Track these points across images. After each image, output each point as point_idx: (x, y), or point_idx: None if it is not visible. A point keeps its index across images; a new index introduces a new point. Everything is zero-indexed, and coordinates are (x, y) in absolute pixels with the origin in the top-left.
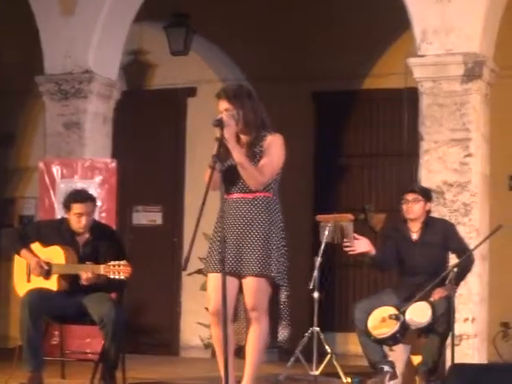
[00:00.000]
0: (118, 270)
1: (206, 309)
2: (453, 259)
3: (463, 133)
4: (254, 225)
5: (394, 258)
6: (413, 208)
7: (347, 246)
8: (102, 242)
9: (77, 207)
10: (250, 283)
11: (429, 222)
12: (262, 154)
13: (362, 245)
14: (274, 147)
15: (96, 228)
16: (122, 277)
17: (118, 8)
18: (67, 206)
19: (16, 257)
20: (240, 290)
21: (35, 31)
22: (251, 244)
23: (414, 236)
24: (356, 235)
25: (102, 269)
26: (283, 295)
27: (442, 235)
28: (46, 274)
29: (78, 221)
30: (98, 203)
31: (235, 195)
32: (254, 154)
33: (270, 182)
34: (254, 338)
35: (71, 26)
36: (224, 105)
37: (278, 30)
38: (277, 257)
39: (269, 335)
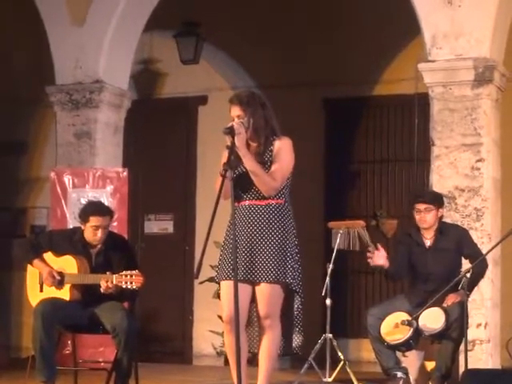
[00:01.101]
0: (130, 280)
1: (220, 317)
2: (466, 264)
3: (474, 138)
4: (268, 231)
5: (406, 265)
6: (426, 218)
7: (369, 253)
8: (114, 252)
9: (95, 220)
10: (264, 290)
11: (442, 229)
12: (272, 159)
13: (380, 258)
14: (284, 152)
15: (108, 238)
16: (134, 286)
17: (128, 17)
18: (85, 217)
19: (29, 267)
20: (253, 297)
21: (43, 32)
22: (266, 251)
23: (428, 243)
24: (379, 245)
25: (114, 278)
26: (298, 302)
27: (456, 241)
28: (59, 284)
29: (94, 233)
30: None
31: (247, 202)
32: (264, 160)
33: (282, 188)
34: (268, 345)
35: (81, 35)
36: (236, 111)
37: (288, 38)
38: (292, 263)
39: (283, 343)
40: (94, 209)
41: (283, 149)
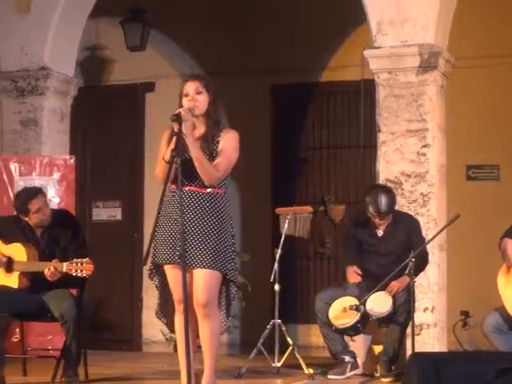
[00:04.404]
0: (80, 268)
1: None
2: None
3: (420, 124)
4: (206, 220)
5: (358, 255)
6: (382, 224)
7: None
8: (59, 228)
9: (34, 204)
10: (203, 277)
11: (396, 218)
12: (219, 150)
13: (356, 277)
14: (231, 144)
15: (56, 215)
16: (85, 274)
17: (74, 4)
18: (25, 208)
19: None
20: None
21: None
22: (203, 238)
23: (380, 232)
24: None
25: (64, 266)
26: (233, 292)
27: (407, 232)
28: (6, 267)
29: (42, 214)
30: (54, 195)
31: (187, 188)
32: (211, 149)
33: (223, 179)
34: (209, 332)
35: (27, 22)
36: (194, 85)
37: (236, 24)
38: (230, 253)
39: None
40: (26, 196)
41: (230, 141)
